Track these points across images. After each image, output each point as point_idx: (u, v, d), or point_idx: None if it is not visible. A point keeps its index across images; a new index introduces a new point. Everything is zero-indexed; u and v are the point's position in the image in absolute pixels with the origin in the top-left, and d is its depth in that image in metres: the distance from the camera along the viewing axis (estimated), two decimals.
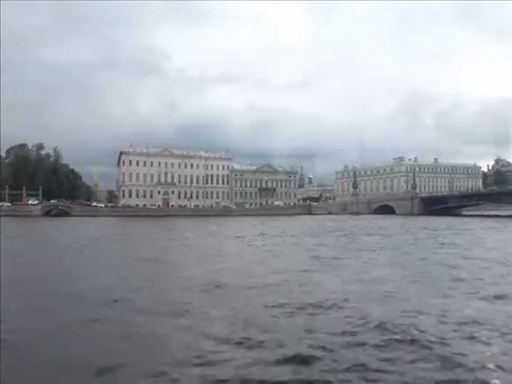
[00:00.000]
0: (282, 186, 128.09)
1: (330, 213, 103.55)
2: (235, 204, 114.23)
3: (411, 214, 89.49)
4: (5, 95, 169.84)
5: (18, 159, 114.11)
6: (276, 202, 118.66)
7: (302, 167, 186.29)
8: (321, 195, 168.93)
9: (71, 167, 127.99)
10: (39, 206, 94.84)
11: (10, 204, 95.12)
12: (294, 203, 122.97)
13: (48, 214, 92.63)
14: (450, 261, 16.97)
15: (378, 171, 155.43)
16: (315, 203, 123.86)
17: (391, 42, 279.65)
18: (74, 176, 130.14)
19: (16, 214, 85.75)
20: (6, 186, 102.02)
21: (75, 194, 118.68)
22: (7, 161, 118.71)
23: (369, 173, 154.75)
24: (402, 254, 20.13)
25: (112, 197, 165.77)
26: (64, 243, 27.71)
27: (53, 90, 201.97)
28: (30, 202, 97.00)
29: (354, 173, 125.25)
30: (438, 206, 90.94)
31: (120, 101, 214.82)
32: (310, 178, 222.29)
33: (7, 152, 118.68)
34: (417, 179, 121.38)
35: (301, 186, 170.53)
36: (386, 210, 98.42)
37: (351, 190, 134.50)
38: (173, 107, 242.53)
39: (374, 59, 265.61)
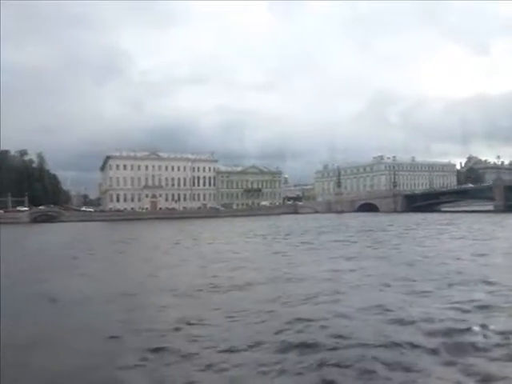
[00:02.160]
0: (267, 186, 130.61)
1: (316, 211, 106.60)
2: (222, 205, 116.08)
3: (394, 211, 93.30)
4: None
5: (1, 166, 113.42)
6: (263, 203, 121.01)
7: (277, 167, 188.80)
8: (303, 194, 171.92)
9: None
10: (27, 213, 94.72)
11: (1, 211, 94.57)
12: (280, 203, 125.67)
13: (35, 220, 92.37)
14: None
15: (358, 170, 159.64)
16: (300, 203, 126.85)
17: (354, 43, 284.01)
18: (55, 181, 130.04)
19: (5, 222, 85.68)
20: None
21: (58, 199, 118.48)
22: None
23: (349, 172, 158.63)
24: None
25: (87, 201, 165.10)
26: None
27: (11, 94, 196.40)
28: (19, 208, 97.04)
29: (338, 172, 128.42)
30: (420, 203, 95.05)
31: (84, 104, 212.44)
32: (285, 178, 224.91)
33: None
34: (396, 177, 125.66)
35: None
36: (369, 207, 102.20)
37: (332, 189, 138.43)
38: (139, 110, 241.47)
39: (338, 60, 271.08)
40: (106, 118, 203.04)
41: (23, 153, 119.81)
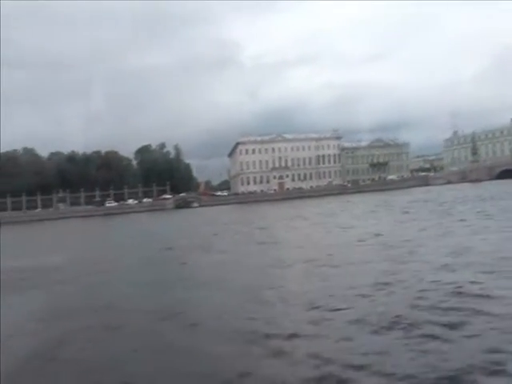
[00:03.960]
0: (394, 159, 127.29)
1: (448, 182, 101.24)
2: (348, 182, 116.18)
3: None
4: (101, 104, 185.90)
5: (145, 159, 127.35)
6: (390, 176, 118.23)
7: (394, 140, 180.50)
8: (431, 165, 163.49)
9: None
10: (171, 200, 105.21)
11: (150, 200, 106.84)
12: (408, 175, 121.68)
13: (179, 206, 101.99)
14: None
15: (493, 134, 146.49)
16: (431, 173, 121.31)
17: None
18: (189, 170, 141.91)
19: (154, 209, 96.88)
20: (139, 184, 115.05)
21: (191, 186, 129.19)
22: (136, 162, 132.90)
23: (483, 137, 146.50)
24: None
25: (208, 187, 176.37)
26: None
27: (138, 96, 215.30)
28: (164, 196, 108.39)
29: (473, 138, 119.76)
30: None
31: (201, 97, 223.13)
32: None
33: (135, 154, 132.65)
34: None
35: None
36: (511, 174, 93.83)
37: (464, 157, 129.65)
38: (252, 95, 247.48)
39: (456, 16, 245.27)
40: (221, 108, 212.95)
41: (162, 146, 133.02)
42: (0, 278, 13.24)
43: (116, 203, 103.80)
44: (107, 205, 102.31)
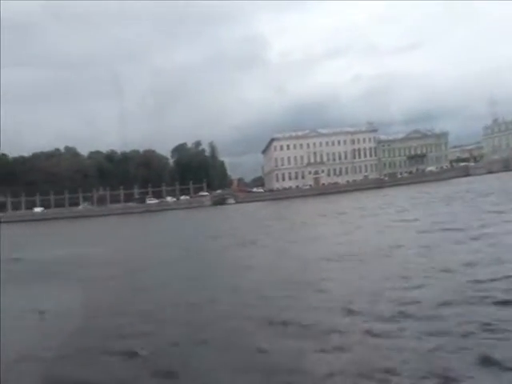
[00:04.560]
0: (432, 150, 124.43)
1: (489, 172, 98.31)
2: (385, 175, 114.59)
3: None
4: (133, 103, 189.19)
5: (181, 157, 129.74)
6: (428, 168, 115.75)
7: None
8: (470, 155, 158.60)
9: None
10: (208, 197, 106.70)
11: (187, 197, 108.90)
12: (447, 166, 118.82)
13: (216, 203, 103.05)
14: None
15: None
16: (472, 163, 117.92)
17: None
18: (223, 167, 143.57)
19: (192, 206, 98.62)
20: (177, 182, 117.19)
21: (225, 183, 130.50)
22: (173, 160, 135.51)
23: None
24: None
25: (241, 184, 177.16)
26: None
27: (168, 94, 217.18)
28: (201, 193, 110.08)
29: None
30: None
31: (230, 94, 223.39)
32: None
33: (172, 152, 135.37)
34: None
35: None
36: None
37: (505, 144, 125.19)
38: (281, 91, 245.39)
39: (492, 2, 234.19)
40: (250, 105, 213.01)
41: (198, 144, 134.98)
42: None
43: (157, 200, 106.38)
44: (148, 202, 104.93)
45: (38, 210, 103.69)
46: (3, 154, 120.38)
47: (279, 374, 5.62)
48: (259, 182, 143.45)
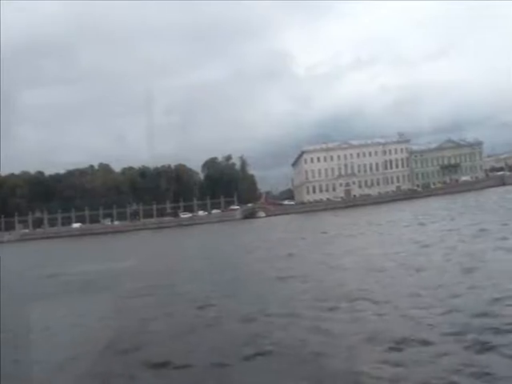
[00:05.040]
0: (466, 160, 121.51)
1: None
2: (418, 186, 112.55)
3: None
4: (163, 118, 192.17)
5: (212, 172, 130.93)
6: (463, 178, 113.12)
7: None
8: (505, 164, 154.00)
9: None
10: (239, 211, 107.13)
11: (218, 211, 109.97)
12: (482, 176, 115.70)
13: (246, 217, 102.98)
14: None
15: None
16: (507, 172, 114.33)
17: None
18: (253, 181, 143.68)
19: (223, 219, 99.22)
20: (207, 196, 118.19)
21: (255, 196, 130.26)
22: (204, 174, 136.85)
23: None
24: None
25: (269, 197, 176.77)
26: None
27: (197, 109, 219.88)
28: (232, 207, 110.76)
29: None
30: None
31: (255, 109, 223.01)
32: None
33: (202, 166, 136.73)
34: None
35: None
36: None
37: None
38: (307, 104, 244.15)
39: None
40: (278, 119, 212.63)
41: (228, 158, 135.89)
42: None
43: (189, 214, 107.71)
44: (181, 216, 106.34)
45: (76, 225, 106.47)
46: (40, 172, 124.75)
47: None
48: (287, 194, 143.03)
